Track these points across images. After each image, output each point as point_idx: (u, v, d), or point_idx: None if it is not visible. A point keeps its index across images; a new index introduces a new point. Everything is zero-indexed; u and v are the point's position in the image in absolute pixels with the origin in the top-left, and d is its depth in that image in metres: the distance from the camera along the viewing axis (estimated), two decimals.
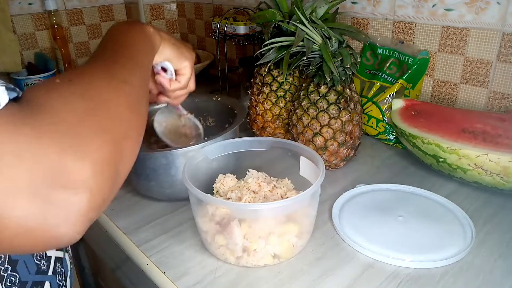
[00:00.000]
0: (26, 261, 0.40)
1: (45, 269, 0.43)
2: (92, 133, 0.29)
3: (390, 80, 0.88)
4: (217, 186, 0.64)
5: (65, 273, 0.46)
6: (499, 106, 0.79)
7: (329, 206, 0.66)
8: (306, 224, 0.56)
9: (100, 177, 0.28)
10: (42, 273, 0.42)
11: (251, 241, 0.53)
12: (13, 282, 0.39)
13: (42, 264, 0.43)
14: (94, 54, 0.41)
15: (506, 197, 0.68)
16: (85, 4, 1.43)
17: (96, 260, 0.95)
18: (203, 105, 0.82)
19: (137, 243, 0.60)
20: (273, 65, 0.82)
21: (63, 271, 0.46)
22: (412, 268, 0.54)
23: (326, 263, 0.55)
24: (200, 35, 1.51)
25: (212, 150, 0.64)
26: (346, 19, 0.99)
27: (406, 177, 0.75)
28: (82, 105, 0.30)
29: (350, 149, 0.75)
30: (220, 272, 0.54)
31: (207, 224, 0.55)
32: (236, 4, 1.28)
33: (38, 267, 0.42)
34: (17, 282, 0.39)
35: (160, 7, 1.52)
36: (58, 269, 0.45)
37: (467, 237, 0.58)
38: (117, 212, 0.67)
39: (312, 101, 0.72)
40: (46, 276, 0.43)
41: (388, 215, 0.63)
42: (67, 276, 0.47)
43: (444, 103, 0.88)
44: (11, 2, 1.27)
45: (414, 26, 0.87)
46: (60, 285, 0.45)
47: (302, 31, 0.68)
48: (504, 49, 0.76)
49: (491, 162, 0.64)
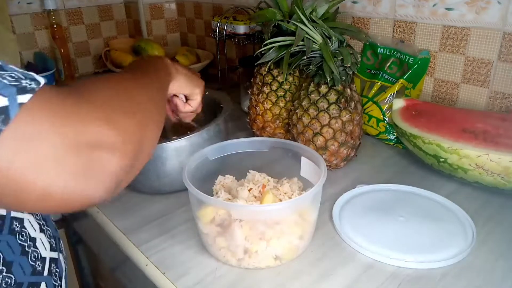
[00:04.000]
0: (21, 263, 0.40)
1: (41, 270, 0.43)
2: (122, 114, 0.35)
3: (390, 79, 0.88)
4: (217, 187, 0.64)
5: (60, 273, 0.47)
6: (500, 106, 0.79)
7: (329, 206, 0.66)
8: (308, 225, 0.56)
9: (128, 144, 0.34)
10: (37, 274, 0.42)
11: (252, 243, 0.52)
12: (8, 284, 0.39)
13: (37, 265, 0.43)
14: (122, 71, 0.49)
15: (506, 197, 0.67)
16: (84, 3, 1.43)
17: (95, 260, 0.95)
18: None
19: (137, 244, 0.60)
20: (273, 65, 0.81)
21: (58, 271, 0.46)
22: (412, 268, 0.53)
23: (327, 264, 0.55)
24: (200, 34, 1.50)
25: (212, 150, 0.64)
26: (347, 18, 0.99)
27: (407, 177, 0.75)
28: (114, 96, 0.36)
29: (351, 149, 0.75)
30: (220, 272, 0.54)
31: (207, 226, 0.55)
32: (236, 4, 1.28)
33: (34, 268, 0.42)
34: (13, 283, 0.39)
35: (159, 6, 1.52)
36: (53, 270, 0.45)
37: (468, 237, 0.58)
38: (116, 212, 0.67)
39: (313, 101, 0.72)
40: (42, 277, 0.43)
41: (388, 215, 0.63)
42: (62, 276, 0.47)
43: (445, 103, 0.88)
44: (10, 2, 1.26)
45: (414, 25, 0.87)
46: (56, 285, 0.45)
47: (302, 30, 0.68)
48: (505, 49, 0.75)
49: (492, 162, 0.63)
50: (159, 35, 1.56)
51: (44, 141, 0.28)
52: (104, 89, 0.37)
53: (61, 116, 0.30)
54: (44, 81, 0.31)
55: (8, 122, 0.27)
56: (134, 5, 1.48)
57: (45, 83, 0.31)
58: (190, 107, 0.65)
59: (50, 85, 0.31)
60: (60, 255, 0.48)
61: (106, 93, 0.36)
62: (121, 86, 0.39)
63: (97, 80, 0.38)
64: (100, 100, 0.34)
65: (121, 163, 0.32)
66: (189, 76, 0.62)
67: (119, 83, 0.40)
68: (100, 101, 0.34)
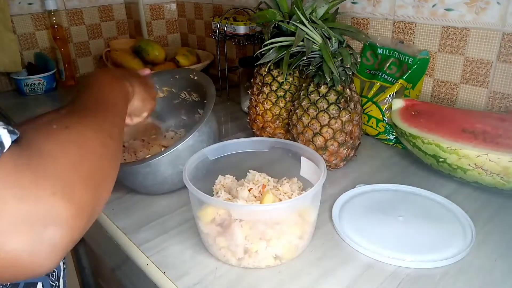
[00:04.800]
0: None
1: None
2: (80, 180, 0.33)
3: (390, 80, 0.88)
4: (217, 187, 0.64)
5: (58, 273, 0.47)
6: (499, 106, 0.79)
7: (329, 206, 0.66)
8: (308, 225, 0.56)
9: (81, 217, 0.32)
10: None
11: (252, 243, 0.53)
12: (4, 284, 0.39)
13: None
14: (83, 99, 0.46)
15: (506, 197, 0.68)
16: (85, 4, 1.43)
17: (96, 260, 0.95)
18: (184, 82, 0.84)
19: (137, 243, 0.60)
20: (273, 65, 0.82)
21: (55, 271, 0.46)
22: (412, 268, 0.54)
23: (326, 263, 0.55)
24: (200, 35, 1.51)
25: (212, 150, 0.64)
26: (346, 19, 0.99)
27: (406, 177, 0.75)
28: (76, 153, 0.35)
29: (350, 149, 0.75)
30: (220, 272, 0.54)
31: (208, 226, 0.55)
32: (236, 4, 1.28)
33: None
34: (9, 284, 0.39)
35: (160, 7, 1.52)
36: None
37: (467, 237, 0.58)
38: (117, 212, 0.67)
39: (312, 101, 0.72)
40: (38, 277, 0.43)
41: (388, 215, 0.63)
42: (60, 276, 0.47)
43: (444, 103, 0.88)
44: (11, 2, 1.27)
45: (414, 26, 0.87)
46: (53, 285, 0.45)
47: (302, 31, 0.68)
48: (504, 49, 0.76)
49: (491, 162, 0.64)
50: (160, 36, 1.56)
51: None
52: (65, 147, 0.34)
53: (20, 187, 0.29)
54: (11, 141, 0.29)
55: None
56: (135, 6, 1.48)
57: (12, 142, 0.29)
58: (130, 121, 0.64)
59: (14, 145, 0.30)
60: None
61: (67, 154, 0.34)
62: (83, 143, 0.37)
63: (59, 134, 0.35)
64: (60, 166, 0.32)
65: (72, 238, 0.32)
66: (143, 100, 0.61)
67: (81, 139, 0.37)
68: (60, 168, 0.32)
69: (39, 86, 1.28)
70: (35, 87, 1.28)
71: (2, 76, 1.32)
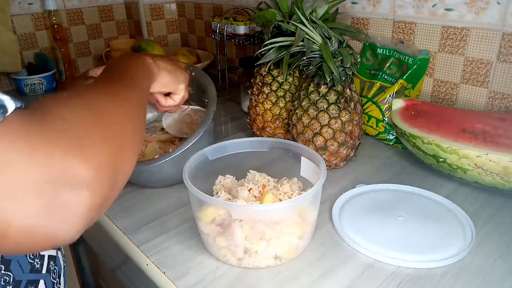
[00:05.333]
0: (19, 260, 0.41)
1: (39, 267, 0.43)
2: (95, 142, 0.31)
3: (390, 80, 0.88)
4: (217, 187, 0.64)
5: (59, 271, 0.47)
6: (499, 106, 0.79)
7: (329, 206, 0.66)
8: (308, 225, 0.56)
9: (101, 180, 0.30)
10: (36, 272, 0.43)
11: (252, 243, 0.53)
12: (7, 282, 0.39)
13: (36, 262, 0.43)
14: (98, 78, 0.45)
15: (506, 197, 0.68)
16: (85, 4, 1.43)
17: (96, 260, 0.95)
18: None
19: (137, 243, 0.60)
20: (273, 65, 0.82)
21: (56, 269, 0.46)
22: (412, 268, 0.54)
23: (326, 263, 0.55)
24: (200, 35, 1.51)
25: (212, 150, 0.64)
26: (346, 19, 0.99)
27: (406, 177, 0.75)
28: (87, 116, 0.32)
29: (350, 149, 0.75)
30: (220, 272, 0.54)
31: (208, 226, 0.55)
32: (236, 4, 1.28)
33: (32, 265, 0.42)
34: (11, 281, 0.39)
35: (160, 7, 1.52)
36: (51, 267, 0.45)
37: (467, 237, 0.58)
38: (117, 212, 0.67)
39: (312, 101, 0.72)
40: (40, 275, 0.43)
41: (388, 215, 0.63)
42: (61, 274, 0.47)
43: (444, 103, 0.88)
44: (11, 2, 1.27)
45: (414, 26, 0.87)
46: (55, 283, 0.45)
47: (302, 31, 0.68)
48: (504, 49, 0.76)
49: (491, 162, 0.64)
50: (160, 36, 1.56)
51: (6, 173, 0.25)
52: (76, 110, 0.32)
53: (27, 147, 0.27)
54: (15, 107, 0.28)
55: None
56: (135, 6, 1.48)
57: (16, 108, 0.28)
58: (173, 102, 0.62)
59: (20, 109, 0.28)
60: (58, 252, 0.48)
61: (78, 117, 0.32)
62: (96, 106, 0.35)
63: (68, 99, 0.33)
64: (72, 127, 0.30)
65: (92, 203, 0.29)
66: (172, 72, 0.58)
67: (93, 102, 0.35)
68: (72, 128, 0.30)
69: (39, 86, 1.28)
70: (35, 87, 1.28)
71: (2, 76, 1.32)
